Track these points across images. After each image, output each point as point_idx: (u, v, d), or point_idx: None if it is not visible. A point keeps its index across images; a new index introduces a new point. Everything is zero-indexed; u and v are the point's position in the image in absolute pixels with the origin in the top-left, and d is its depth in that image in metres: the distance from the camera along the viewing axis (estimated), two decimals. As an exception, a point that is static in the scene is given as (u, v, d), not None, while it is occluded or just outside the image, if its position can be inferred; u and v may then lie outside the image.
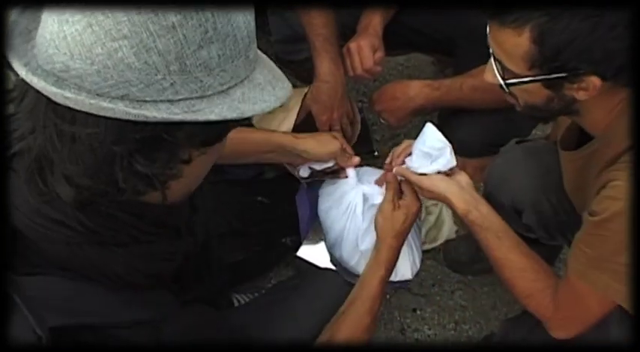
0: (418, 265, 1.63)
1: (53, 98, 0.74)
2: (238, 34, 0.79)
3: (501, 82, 1.16)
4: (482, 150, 1.81)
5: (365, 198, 1.55)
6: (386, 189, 1.47)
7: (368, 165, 1.65)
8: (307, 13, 1.64)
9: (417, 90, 1.76)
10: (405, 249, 1.56)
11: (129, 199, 0.84)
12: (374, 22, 1.76)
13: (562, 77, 1.09)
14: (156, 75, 0.74)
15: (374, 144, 2.13)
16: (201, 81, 0.77)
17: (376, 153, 2.04)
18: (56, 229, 0.84)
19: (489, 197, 1.63)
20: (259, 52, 0.87)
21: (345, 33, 1.76)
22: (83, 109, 0.74)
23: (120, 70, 0.73)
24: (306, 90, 1.69)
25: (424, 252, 2.00)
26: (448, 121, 1.83)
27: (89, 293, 0.87)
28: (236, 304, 1.77)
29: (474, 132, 1.73)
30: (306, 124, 1.73)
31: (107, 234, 0.87)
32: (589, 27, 1.02)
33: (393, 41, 1.81)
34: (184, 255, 1.00)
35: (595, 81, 1.07)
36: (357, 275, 1.49)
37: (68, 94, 0.73)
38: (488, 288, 1.99)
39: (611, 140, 1.18)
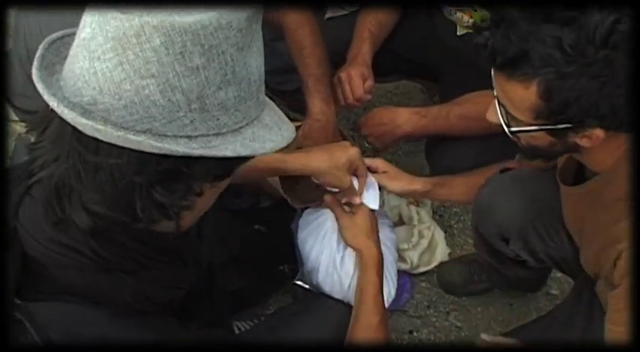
0: (393, 294, 1.70)
1: (82, 129, 0.79)
2: (252, 78, 0.86)
3: (505, 128, 1.17)
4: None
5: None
6: (332, 208, 1.56)
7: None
8: (300, 52, 1.70)
9: (404, 118, 1.81)
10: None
11: (140, 228, 0.88)
12: (363, 50, 1.82)
13: (567, 128, 1.10)
14: (178, 112, 0.80)
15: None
16: (218, 119, 0.83)
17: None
18: (68, 255, 0.90)
19: (477, 226, 1.68)
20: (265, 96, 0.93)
21: (335, 60, 1.82)
22: (110, 141, 0.79)
23: (145, 106, 0.79)
24: (298, 124, 1.74)
25: (418, 274, 2.05)
26: (434, 148, 1.88)
27: (96, 318, 0.91)
28: (236, 332, 1.80)
29: (461, 158, 1.77)
30: None
31: (116, 261, 0.92)
32: (597, 85, 1.02)
33: (381, 68, 1.87)
34: (190, 284, 1.05)
35: (599, 132, 1.09)
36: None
37: (98, 126, 0.78)
38: (482, 308, 2.03)
39: (611, 180, 1.20)
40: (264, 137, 0.87)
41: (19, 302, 0.89)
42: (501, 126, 1.20)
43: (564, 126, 1.10)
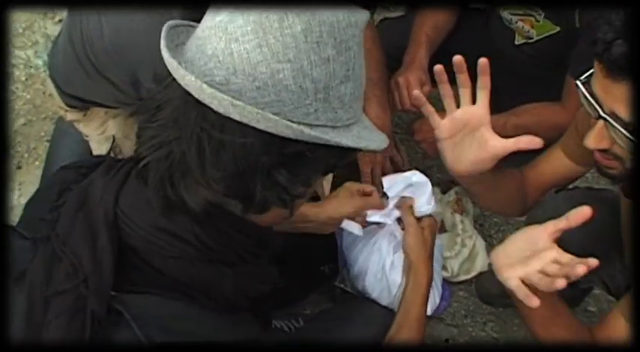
0: (437, 302, 1.68)
1: (215, 106, 0.80)
2: (362, 79, 0.89)
3: (632, 138, 1.07)
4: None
5: (392, 235, 1.59)
6: (403, 215, 1.52)
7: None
8: None
9: None
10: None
11: (242, 218, 0.91)
12: (420, 54, 1.80)
13: None
14: (306, 99, 0.82)
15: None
16: (336, 112, 0.85)
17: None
18: (173, 243, 0.91)
19: None
20: None
21: (390, 64, 1.80)
22: (246, 117, 0.80)
23: (278, 90, 0.81)
24: None
25: (457, 283, 2.04)
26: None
27: (191, 313, 0.93)
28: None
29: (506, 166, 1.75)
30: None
31: (219, 251, 0.93)
32: None
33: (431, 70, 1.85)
34: (275, 279, 1.07)
35: None
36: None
37: (236, 102, 0.79)
38: (519, 321, 2.01)
39: None
40: (367, 137, 0.90)
41: (114, 293, 0.88)
42: (601, 150, 1.14)
43: None
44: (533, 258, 1.14)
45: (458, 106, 1.31)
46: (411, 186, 1.58)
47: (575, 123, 1.43)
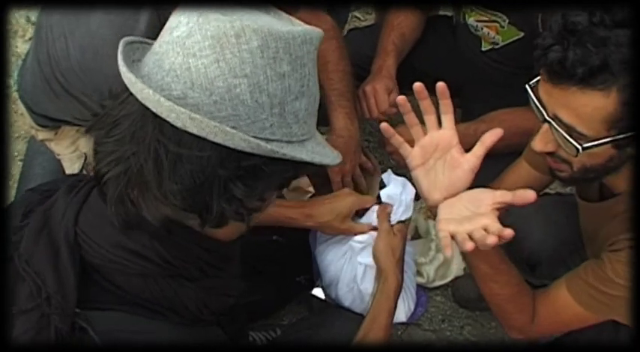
0: (412, 309, 1.70)
1: (173, 119, 0.81)
2: (316, 95, 0.92)
3: (578, 146, 1.10)
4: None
5: (362, 243, 1.60)
6: (378, 220, 1.53)
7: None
8: (325, 66, 1.69)
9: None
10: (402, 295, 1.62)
11: (201, 234, 0.92)
12: (387, 63, 1.82)
13: (633, 134, 1.07)
14: (261, 114, 0.84)
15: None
16: (291, 127, 0.87)
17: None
18: (134, 261, 0.91)
19: None
20: None
21: (359, 74, 1.82)
22: (202, 132, 0.81)
23: (234, 104, 0.83)
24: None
25: (433, 288, 2.05)
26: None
27: (157, 328, 0.93)
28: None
29: (482, 177, 1.77)
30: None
31: (180, 267, 0.94)
32: None
33: (402, 82, 1.87)
34: (239, 292, 1.07)
35: None
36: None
37: (194, 115, 0.80)
38: (495, 323, 2.02)
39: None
40: (320, 152, 0.92)
41: (78, 310, 0.89)
42: (547, 153, 1.18)
43: (632, 133, 1.07)
44: (469, 220, 1.18)
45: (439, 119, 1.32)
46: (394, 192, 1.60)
47: (536, 132, 1.46)
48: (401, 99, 1.33)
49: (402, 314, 1.63)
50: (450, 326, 2.02)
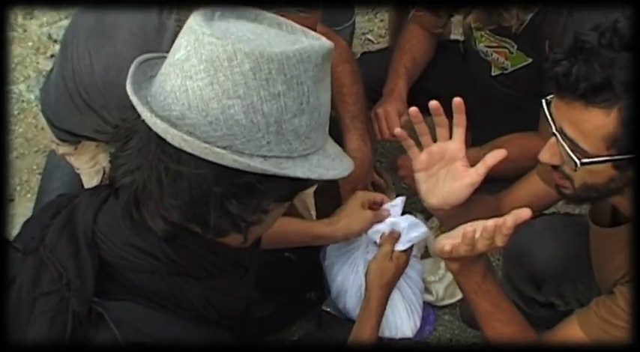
0: (418, 325, 1.74)
1: (170, 139, 0.86)
2: (322, 110, 0.94)
3: (576, 161, 1.13)
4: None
5: (368, 254, 1.65)
6: (383, 242, 1.56)
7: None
8: (340, 90, 1.73)
9: None
10: (405, 309, 1.67)
11: (210, 239, 0.96)
12: (399, 86, 1.87)
13: (633, 157, 1.10)
14: (257, 132, 0.88)
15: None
16: (291, 144, 0.90)
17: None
18: (143, 258, 0.97)
19: (508, 271, 1.71)
20: None
21: (372, 95, 1.86)
22: (195, 151, 0.86)
23: (229, 124, 0.87)
24: None
25: (442, 307, 2.07)
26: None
27: (163, 320, 0.98)
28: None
29: None
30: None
31: (187, 266, 0.99)
32: None
33: (413, 104, 1.90)
34: (249, 295, 1.12)
35: None
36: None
37: (186, 137, 0.85)
38: (503, 344, 2.04)
39: None
40: (327, 165, 0.95)
41: (96, 299, 0.95)
42: (552, 166, 1.20)
43: (633, 155, 1.09)
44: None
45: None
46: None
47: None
48: (413, 110, 1.39)
49: (407, 330, 1.67)
50: (458, 346, 2.03)
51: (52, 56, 2.66)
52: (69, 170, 1.93)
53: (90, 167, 1.84)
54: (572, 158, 1.14)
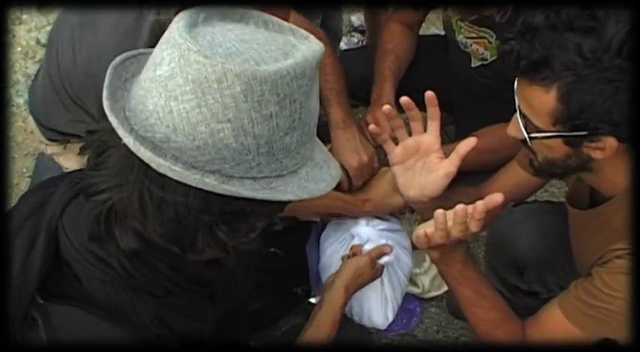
0: (390, 318, 1.79)
1: (155, 167, 0.81)
2: (312, 122, 0.90)
3: (525, 135, 1.20)
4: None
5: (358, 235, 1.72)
6: (372, 249, 1.62)
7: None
8: (322, 69, 1.73)
9: None
10: (379, 299, 1.73)
11: (175, 254, 0.91)
12: (386, 89, 1.89)
13: (582, 135, 1.14)
14: (247, 155, 0.83)
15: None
16: (281, 162, 0.86)
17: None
18: (97, 266, 0.93)
19: (490, 259, 1.73)
20: None
21: (354, 93, 1.88)
22: (185, 182, 0.81)
23: (218, 148, 0.82)
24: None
25: (428, 299, 2.09)
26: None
27: (109, 331, 0.92)
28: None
29: None
30: None
31: (143, 282, 0.94)
32: (612, 90, 1.07)
33: (397, 102, 1.93)
34: (216, 319, 1.06)
35: (612, 142, 1.12)
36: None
37: (174, 168, 0.80)
38: (490, 335, 2.06)
39: (623, 208, 1.24)
40: (316, 177, 0.91)
41: (41, 301, 0.91)
42: (521, 140, 1.23)
43: (580, 133, 1.13)
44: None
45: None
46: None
47: None
48: (404, 99, 1.42)
49: (378, 320, 1.73)
50: (445, 337, 2.05)
51: (40, 61, 2.68)
52: (58, 172, 1.94)
53: (79, 166, 1.85)
54: (522, 133, 1.19)
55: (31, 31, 2.82)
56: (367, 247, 1.65)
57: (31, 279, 0.91)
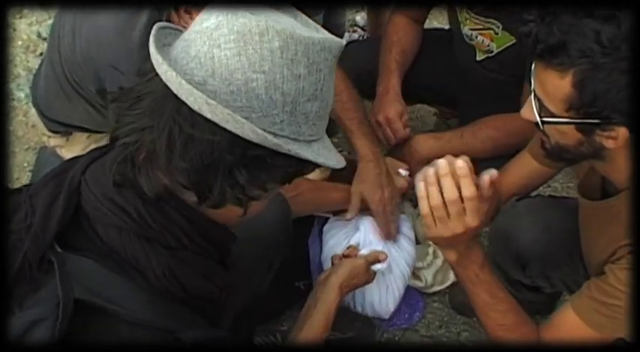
0: (391, 308, 1.78)
1: (191, 102, 0.88)
2: (329, 101, 0.97)
3: (538, 118, 1.19)
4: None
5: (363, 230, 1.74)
6: (368, 254, 1.60)
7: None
8: (339, 97, 1.71)
9: (420, 142, 1.88)
10: (380, 287, 1.72)
11: (196, 207, 0.96)
12: (392, 82, 1.88)
13: (595, 123, 1.13)
14: (273, 109, 0.90)
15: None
16: (300, 127, 0.93)
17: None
18: (116, 213, 0.96)
19: (493, 254, 1.72)
20: None
21: (358, 86, 1.86)
22: (215, 118, 0.88)
23: (249, 97, 0.89)
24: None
25: (431, 294, 2.09)
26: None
27: (121, 285, 0.95)
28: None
29: None
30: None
31: (158, 231, 0.97)
32: (626, 80, 1.07)
33: (404, 96, 1.93)
34: (228, 284, 1.07)
35: (624, 132, 1.12)
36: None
37: (210, 101, 0.87)
38: (493, 330, 2.05)
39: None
40: (326, 155, 0.98)
41: (59, 250, 0.95)
42: (535, 123, 1.22)
43: (592, 121, 1.13)
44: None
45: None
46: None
47: None
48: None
49: (381, 309, 1.73)
50: (447, 332, 2.04)
51: (41, 54, 2.67)
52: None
53: None
54: (535, 116, 1.19)
55: (32, 24, 2.82)
56: (363, 252, 1.65)
57: (51, 226, 0.95)
